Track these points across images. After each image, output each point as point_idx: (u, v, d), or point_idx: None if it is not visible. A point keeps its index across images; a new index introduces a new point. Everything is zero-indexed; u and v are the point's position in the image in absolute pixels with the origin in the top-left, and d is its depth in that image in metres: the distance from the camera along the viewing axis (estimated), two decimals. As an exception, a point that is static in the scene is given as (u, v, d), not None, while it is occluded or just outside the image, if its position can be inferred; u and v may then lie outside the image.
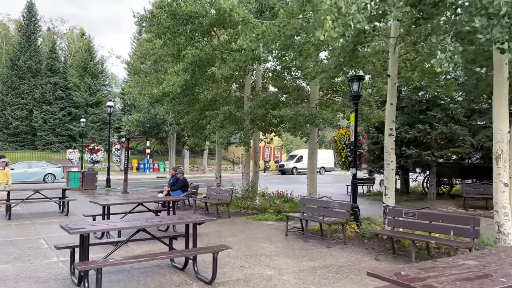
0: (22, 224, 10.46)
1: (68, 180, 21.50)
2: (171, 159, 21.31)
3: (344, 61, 7.05)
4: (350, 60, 7.10)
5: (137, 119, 18.66)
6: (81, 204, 14.33)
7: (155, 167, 42.45)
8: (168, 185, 14.28)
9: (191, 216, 6.13)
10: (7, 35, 51.89)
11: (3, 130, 45.37)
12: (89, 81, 46.79)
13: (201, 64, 13.55)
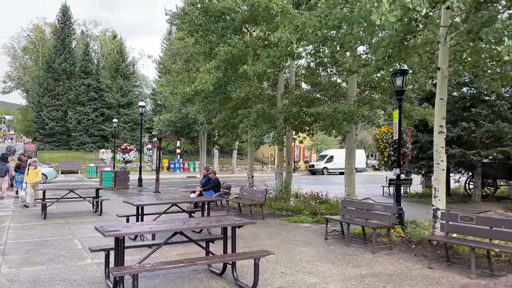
0: (57, 224, 10.44)
1: (101, 180, 21.72)
2: (202, 159, 21.14)
3: (393, 52, 6.50)
4: (399, 51, 6.54)
5: (168, 119, 18.57)
6: (114, 204, 14.32)
7: (185, 167, 42.69)
8: (200, 185, 14.06)
9: (229, 218, 5.75)
10: (43, 39, 53.56)
11: (40, 130, 46.80)
12: (121, 82, 47.59)
13: (233, 62, 13.24)
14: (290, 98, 12.40)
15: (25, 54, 55.90)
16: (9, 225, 10.22)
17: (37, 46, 53.23)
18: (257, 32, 15.82)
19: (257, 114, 12.30)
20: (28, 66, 55.83)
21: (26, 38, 54.60)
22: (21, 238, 8.59)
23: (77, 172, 35.03)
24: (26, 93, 57.94)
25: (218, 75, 12.47)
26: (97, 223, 10.63)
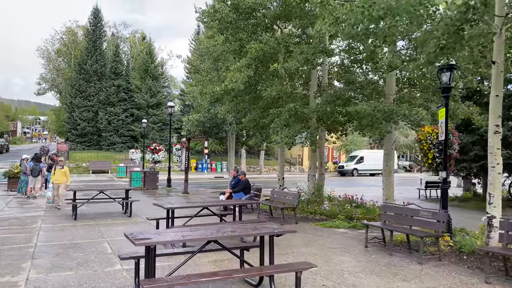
0: (87, 225, 10.30)
1: (130, 180, 21.76)
2: (230, 159, 20.82)
3: (447, 43, 5.88)
4: (454, 43, 5.92)
5: (197, 119, 18.32)
6: (144, 205, 14.17)
7: (213, 167, 42.65)
8: (229, 187, 13.71)
9: (267, 226, 5.31)
10: (75, 41, 54.88)
11: (72, 131, 47.91)
12: (150, 83, 48.10)
13: (264, 60, 12.82)
14: (323, 96, 11.85)
15: (58, 56, 57.46)
16: (40, 225, 10.16)
17: (70, 48, 54.59)
18: (288, 29, 15.35)
19: (289, 113, 11.81)
20: (61, 68, 57.36)
21: (59, 41, 56.11)
22: (51, 240, 8.45)
23: (107, 171, 35.53)
24: (59, 95, 59.57)
25: (249, 73, 12.08)
26: (127, 225, 10.49)
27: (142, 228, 10.00)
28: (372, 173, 43.18)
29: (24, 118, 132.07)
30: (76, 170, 35.73)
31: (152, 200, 16.32)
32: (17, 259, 6.86)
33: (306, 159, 54.07)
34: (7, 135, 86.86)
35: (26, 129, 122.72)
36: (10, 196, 17.00)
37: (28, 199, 15.66)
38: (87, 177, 31.87)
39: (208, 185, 26.02)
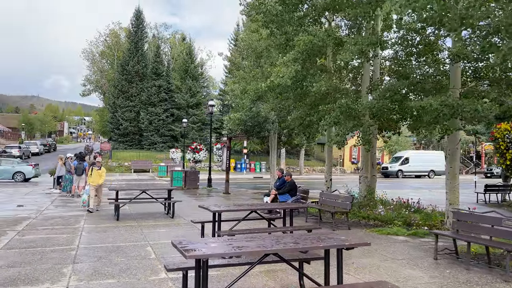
0: (129, 226, 9.94)
1: (171, 179, 21.59)
2: (272, 159, 20.13)
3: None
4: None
5: (238, 118, 17.77)
6: (186, 205, 13.77)
7: (251, 167, 42.19)
8: (274, 188, 13.03)
9: (335, 237, 4.55)
10: (118, 43, 56.27)
11: (115, 130, 49.06)
12: (190, 83, 48.39)
13: (312, 53, 12.02)
14: (378, 91, 10.89)
15: (102, 58, 59.16)
16: (83, 226, 9.91)
17: (113, 50, 56.03)
18: (334, 23, 14.46)
19: (340, 110, 10.94)
20: (105, 70, 59.01)
21: (103, 43, 57.75)
22: (93, 242, 8.09)
23: (149, 171, 35.89)
24: (103, 96, 61.37)
25: (296, 67, 11.33)
26: (170, 228, 10.04)
27: (186, 231, 9.49)
28: (417, 175, 41.14)
29: (71, 118, 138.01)
30: (119, 169, 36.38)
31: (193, 200, 15.94)
32: (59, 262, 6.49)
33: (347, 160, 52.60)
34: (55, 135, 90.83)
35: (72, 129, 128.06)
36: (55, 194, 17.19)
37: (72, 198, 15.71)
38: (129, 176, 32.27)
39: (248, 186, 25.48)
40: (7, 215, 11.34)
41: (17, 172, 24.12)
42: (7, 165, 24.56)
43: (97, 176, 12.31)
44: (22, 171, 24.25)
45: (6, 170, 24.05)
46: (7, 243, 7.80)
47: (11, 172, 24.06)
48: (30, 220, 10.56)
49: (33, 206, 13.39)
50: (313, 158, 51.98)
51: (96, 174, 12.28)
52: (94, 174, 12.27)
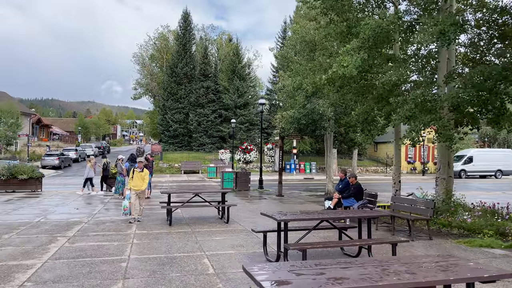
0: (182, 233, 9.19)
1: (222, 181, 20.91)
2: (328, 159, 18.86)
3: None
4: None
5: (291, 116, 16.68)
6: (240, 209, 12.90)
7: (301, 168, 40.89)
8: (336, 190, 11.82)
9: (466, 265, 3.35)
10: (167, 46, 57.10)
11: (165, 132, 49.67)
12: (237, 83, 47.96)
13: (379, 40, 10.69)
14: (464, 79, 9.38)
15: (151, 62, 60.34)
16: (135, 232, 9.28)
17: (162, 52, 56.90)
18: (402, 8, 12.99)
19: (415, 102, 9.57)
20: (155, 73, 60.13)
21: (152, 46, 58.85)
22: (145, 251, 7.36)
23: (198, 172, 35.72)
24: (153, 98, 62.60)
25: (362, 56, 10.07)
26: (226, 235, 9.13)
27: (244, 239, 8.56)
28: (482, 175, 37.86)
29: (123, 122, 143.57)
30: (169, 171, 36.54)
31: (246, 203, 15.08)
32: (108, 277, 5.77)
33: (403, 159, 49.59)
34: (109, 138, 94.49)
35: (124, 132, 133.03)
36: (107, 196, 17.02)
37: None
38: (179, 177, 32.20)
39: (300, 187, 24.32)
40: (60, 219, 11.03)
41: None
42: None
43: (139, 179, 10.60)
44: None
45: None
46: (56, 252, 7.25)
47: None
48: (82, 225, 10.13)
49: (85, 209, 13.12)
50: (366, 158, 49.68)
51: (138, 177, 10.59)
52: (135, 177, 10.57)
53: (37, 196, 16.94)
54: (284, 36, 50.11)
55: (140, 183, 10.56)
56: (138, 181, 10.55)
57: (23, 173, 18.22)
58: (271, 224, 10.02)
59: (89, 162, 18.16)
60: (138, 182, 10.55)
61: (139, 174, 10.58)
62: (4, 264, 6.36)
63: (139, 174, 10.58)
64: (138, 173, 10.58)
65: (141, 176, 10.59)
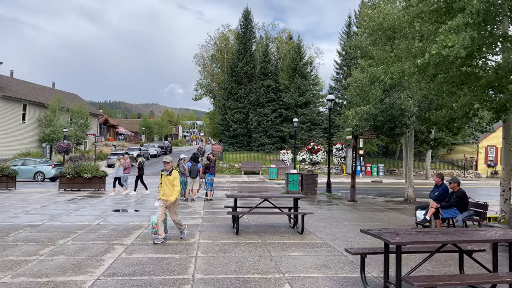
0: (252, 245, 7.87)
1: (286, 183, 19.48)
2: (408, 162, 16.72)
3: None
4: None
5: (366, 111, 14.84)
6: (312, 217, 11.35)
7: (367, 170, 38.33)
8: (431, 198, 9.91)
9: None
10: (227, 45, 56.94)
11: (225, 132, 49.33)
12: (298, 81, 46.36)
13: (490, 16, 8.68)
14: None
15: (212, 62, 60.58)
16: (198, 241, 8.12)
17: (222, 52, 56.82)
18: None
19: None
20: (215, 73, 60.29)
21: (213, 47, 59.02)
22: (211, 269, 6.12)
23: (258, 172, 34.64)
24: (213, 99, 62.88)
25: (472, 33, 8.13)
26: (304, 250, 7.46)
27: (328, 258, 7.04)
28: None
29: (184, 123, 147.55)
30: (229, 171, 35.85)
31: (317, 209, 13.50)
32: (168, 307, 4.55)
33: (482, 162, 45.00)
34: (171, 138, 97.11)
35: (185, 133, 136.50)
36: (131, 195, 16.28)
37: (186, 202, 14.49)
38: (239, 177, 31.30)
39: (371, 192, 22.21)
40: (119, 222, 10.23)
41: (38, 172, 24.98)
42: (30, 165, 25.42)
43: (168, 185, 8.05)
44: (42, 171, 25.13)
45: (28, 170, 24.92)
46: (111, 265, 6.23)
47: (32, 172, 24.91)
48: (142, 230, 9.19)
49: (147, 211, 12.31)
50: (438, 160, 45.74)
51: (166, 182, 8.08)
52: (163, 182, 8.12)
53: (100, 195, 16.63)
54: (349, 31, 47.72)
55: (169, 191, 8.04)
56: (166, 188, 8.07)
57: (87, 172, 18.11)
58: (355, 237, 8.44)
59: (118, 161, 17.29)
60: (167, 189, 8.07)
61: (166, 179, 8.10)
62: (50, 281, 5.41)
63: (166, 179, 8.10)
64: (165, 177, 8.12)
65: (169, 181, 8.08)
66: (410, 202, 16.32)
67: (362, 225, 10.49)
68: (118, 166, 17.03)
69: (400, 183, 30.52)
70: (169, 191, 8.04)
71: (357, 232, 9.54)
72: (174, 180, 8.08)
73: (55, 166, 25.37)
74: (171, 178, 8.09)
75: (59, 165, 25.92)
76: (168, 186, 8.07)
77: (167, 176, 8.12)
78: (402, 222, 11.27)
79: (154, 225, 8.10)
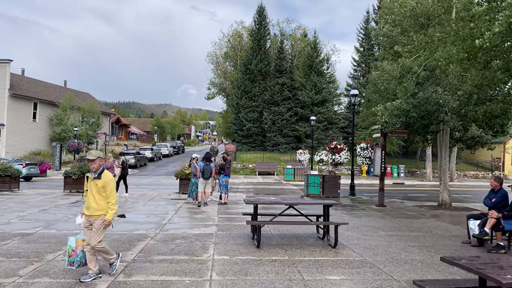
0: (278, 262, 6.48)
1: (306, 185, 18.06)
2: (442, 162, 15.15)
3: None
4: None
5: (397, 107, 13.32)
6: (343, 225, 9.84)
7: (388, 171, 36.57)
8: (487, 205, 8.36)
9: None
10: (240, 43, 55.66)
11: (238, 132, 48.01)
12: (315, 79, 44.79)
13: None
14: None
15: (225, 60, 59.37)
16: (213, 257, 6.76)
17: (236, 50, 55.56)
18: None
19: None
20: (228, 72, 59.06)
21: (226, 44, 57.81)
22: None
23: (273, 173, 33.21)
24: (226, 98, 61.67)
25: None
26: (342, 270, 6.00)
27: (375, 281, 5.61)
28: None
29: (197, 123, 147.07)
30: (243, 171, 34.48)
31: (344, 215, 11.99)
32: None
33: (509, 164, 42.72)
34: (183, 137, 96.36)
35: (198, 133, 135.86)
36: (180, 200, 15.00)
37: (199, 207, 13.16)
38: (253, 178, 29.91)
39: (397, 194, 20.60)
40: (123, 231, 8.94)
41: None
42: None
43: (94, 195, 5.37)
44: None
45: None
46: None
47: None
48: (147, 242, 7.88)
49: (155, 217, 11.02)
50: (461, 161, 43.67)
51: (93, 190, 5.38)
52: (89, 189, 5.44)
53: (106, 197, 15.43)
54: (367, 27, 45.95)
55: (95, 203, 5.32)
56: (92, 199, 5.36)
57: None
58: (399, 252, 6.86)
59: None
60: (92, 201, 5.35)
61: (93, 184, 5.38)
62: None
63: (93, 184, 5.38)
64: (92, 181, 5.40)
65: (97, 189, 5.35)
66: (446, 207, 14.73)
67: (401, 236, 9.01)
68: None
69: (425, 185, 28.78)
70: (95, 203, 5.33)
71: (398, 245, 8.11)
72: (106, 187, 5.33)
73: (26, 166, 24.32)
74: (101, 183, 5.32)
75: (31, 165, 24.90)
76: (94, 195, 5.34)
77: (95, 179, 5.37)
78: (446, 233, 9.74)
79: (71, 252, 5.33)
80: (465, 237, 8.84)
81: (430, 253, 7.48)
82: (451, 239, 8.87)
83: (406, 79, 14.05)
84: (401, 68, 14.10)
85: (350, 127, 44.69)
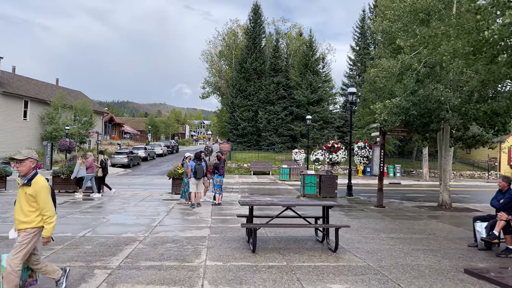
0: (275, 269, 6.01)
1: (303, 185, 17.61)
2: (443, 162, 14.78)
3: None
4: None
5: (397, 104, 12.92)
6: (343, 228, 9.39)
7: (384, 171, 36.27)
8: (495, 206, 7.94)
9: None
10: (235, 41, 55.12)
11: (233, 131, 47.49)
12: (310, 78, 44.37)
13: None
14: None
15: (220, 59, 58.80)
16: (205, 263, 6.27)
17: (231, 48, 55.04)
18: None
19: None
20: (223, 70, 58.50)
21: (221, 43, 57.27)
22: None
23: (268, 173, 32.74)
24: (221, 97, 61.09)
25: None
26: (346, 279, 5.59)
27: (382, 291, 5.15)
28: None
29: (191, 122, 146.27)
30: (238, 171, 33.98)
31: (342, 216, 11.54)
32: None
33: (505, 164, 42.55)
34: (177, 137, 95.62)
35: (192, 132, 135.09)
36: (173, 201, 14.48)
37: (193, 208, 12.66)
38: (248, 178, 29.43)
39: (395, 195, 20.22)
40: (110, 233, 8.41)
41: None
42: None
43: (23, 204, 4.40)
44: None
45: None
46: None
47: None
48: (135, 246, 7.36)
49: (145, 219, 10.50)
50: (456, 161, 43.48)
51: (22, 198, 4.42)
52: (17, 197, 4.50)
53: (96, 198, 14.89)
54: (363, 26, 45.64)
55: (22, 215, 4.40)
56: (19, 209, 4.43)
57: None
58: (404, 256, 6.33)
59: (80, 159, 15.47)
60: (19, 212, 4.42)
61: (22, 192, 4.44)
62: None
63: (22, 192, 4.44)
64: (21, 187, 4.46)
65: (26, 198, 4.40)
66: (446, 208, 14.35)
67: (403, 239, 8.58)
68: (79, 165, 15.26)
69: (421, 185, 28.45)
70: (22, 215, 4.38)
71: (401, 248, 7.67)
72: (37, 196, 4.35)
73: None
74: (30, 191, 4.35)
75: None
76: (22, 205, 4.39)
77: (23, 186, 4.41)
78: (450, 235, 9.32)
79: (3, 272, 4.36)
80: (471, 239, 8.43)
81: (436, 257, 7.05)
82: (456, 242, 8.44)
83: (406, 76, 13.67)
84: (400, 64, 13.72)
85: (346, 126, 44.36)
